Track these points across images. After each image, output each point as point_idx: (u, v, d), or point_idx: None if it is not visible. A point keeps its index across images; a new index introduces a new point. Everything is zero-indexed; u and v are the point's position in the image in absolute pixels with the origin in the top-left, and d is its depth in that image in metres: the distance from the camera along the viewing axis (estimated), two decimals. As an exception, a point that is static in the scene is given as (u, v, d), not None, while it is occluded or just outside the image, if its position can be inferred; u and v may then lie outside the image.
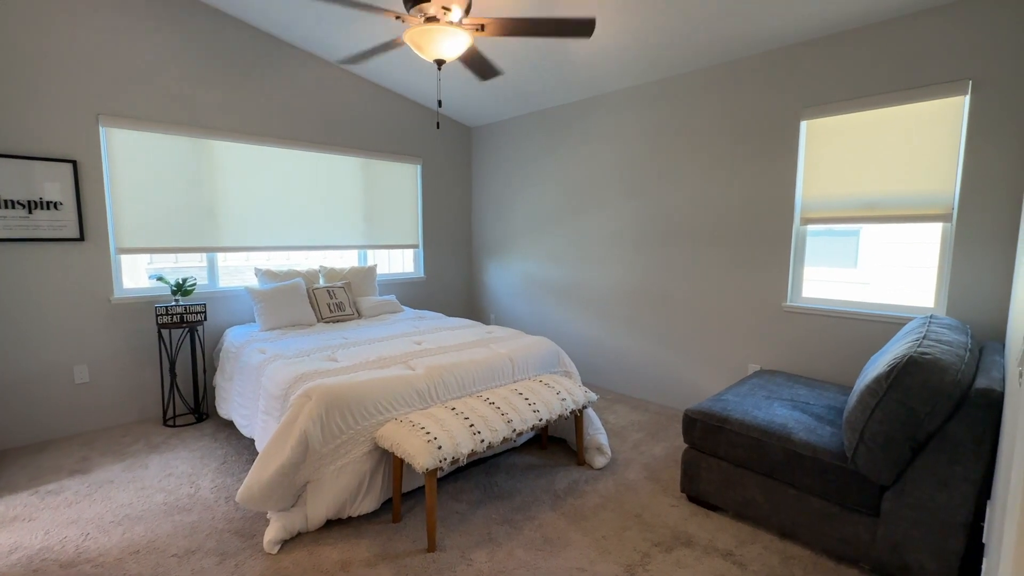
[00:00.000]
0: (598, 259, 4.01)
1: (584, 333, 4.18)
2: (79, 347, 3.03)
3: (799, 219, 2.93)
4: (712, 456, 2.22)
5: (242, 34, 3.46)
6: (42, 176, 2.82)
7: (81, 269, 3.00)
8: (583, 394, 2.60)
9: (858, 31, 2.61)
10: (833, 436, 1.95)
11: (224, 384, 3.07)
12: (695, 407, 2.30)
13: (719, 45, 2.95)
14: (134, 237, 3.19)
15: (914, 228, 2.81)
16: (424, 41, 2.12)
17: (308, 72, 3.83)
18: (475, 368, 2.58)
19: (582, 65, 3.41)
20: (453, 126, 4.95)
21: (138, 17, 3.05)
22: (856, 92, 2.65)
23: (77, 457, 2.74)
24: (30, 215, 2.81)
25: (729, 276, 3.23)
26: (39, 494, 2.35)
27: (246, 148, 3.58)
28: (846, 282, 3.85)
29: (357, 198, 4.26)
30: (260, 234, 3.71)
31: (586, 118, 4.00)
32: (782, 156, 2.94)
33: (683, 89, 3.38)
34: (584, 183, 4.06)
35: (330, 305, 3.65)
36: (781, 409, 2.21)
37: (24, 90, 2.75)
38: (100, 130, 3.00)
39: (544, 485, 2.47)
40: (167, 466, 2.64)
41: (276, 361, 2.59)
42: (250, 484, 1.97)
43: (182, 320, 3.14)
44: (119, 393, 3.19)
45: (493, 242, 4.99)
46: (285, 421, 2.06)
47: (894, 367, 1.67)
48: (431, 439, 1.97)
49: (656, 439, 3.02)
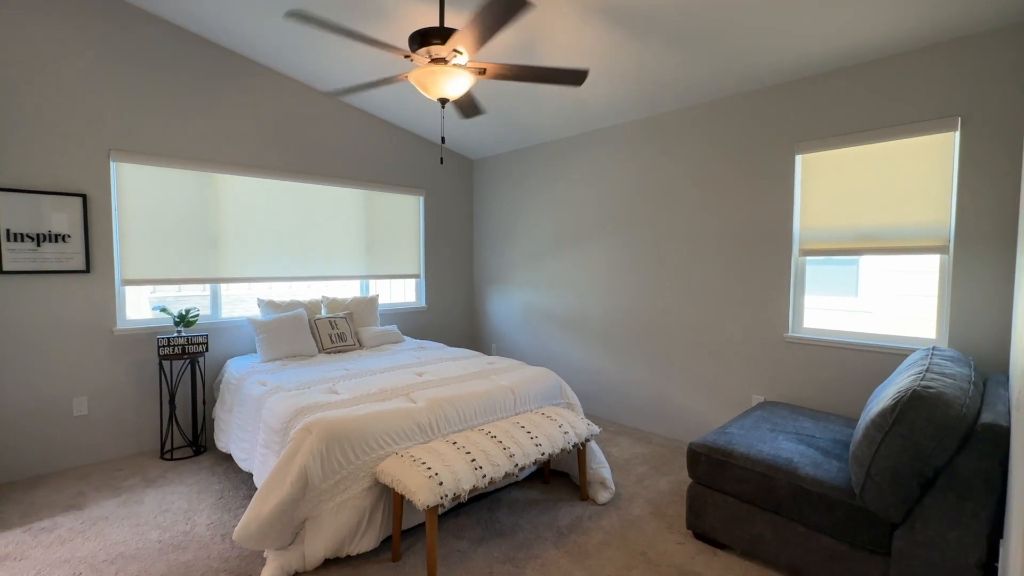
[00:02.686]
0: (598, 289, 4.03)
1: (586, 363, 4.17)
2: (79, 379, 3.02)
3: (797, 250, 2.96)
4: (718, 491, 2.18)
5: (248, 70, 3.58)
6: (52, 210, 2.87)
7: (85, 301, 3.02)
8: (586, 427, 2.57)
9: (850, 69, 2.70)
10: (840, 471, 1.92)
11: (224, 416, 3.04)
12: (699, 440, 2.28)
13: (714, 83, 3.04)
14: (139, 268, 3.22)
15: (913, 258, 2.84)
16: (430, 81, 2.19)
17: (312, 107, 3.94)
18: (476, 401, 2.56)
19: (580, 102, 3.51)
20: (455, 158, 5.05)
21: (150, 55, 3.16)
22: (849, 127, 2.72)
23: (72, 492, 2.69)
24: (38, 248, 2.85)
25: (730, 307, 3.24)
26: (32, 531, 2.30)
27: (250, 181, 3.66)
28: (848, 311, 3.86)
29: (360, 229, 4.32)
30: (263, 265, 3.74)
31: (585, 151, 4.09)
32: (778, 189, 3.00)
33: (679, 125, 3.47)
34: (584, 214, 4.12)
35: (331, 336, 3.65)
36: (786, 443, 2.19)
37: (39, 127, 2.83)
38: (111, 165, 3.07)
39: (547, 521, 2.42)
40: (163, 501, 2.60)
41: (277, 393, 2.58)
42: (247, 521, 1.93)
43: (184, 351, 3.14)
44: (117, 426, 3.16)
45: (494, 272, 5.03)
46: (285, 456, 2.04)
47: (898, 401, 1.67)
48: (432, 474, 1.94)
49: (660, 472, 2.97)
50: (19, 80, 2.77)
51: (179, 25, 3.22)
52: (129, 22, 3.06)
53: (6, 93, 2.73)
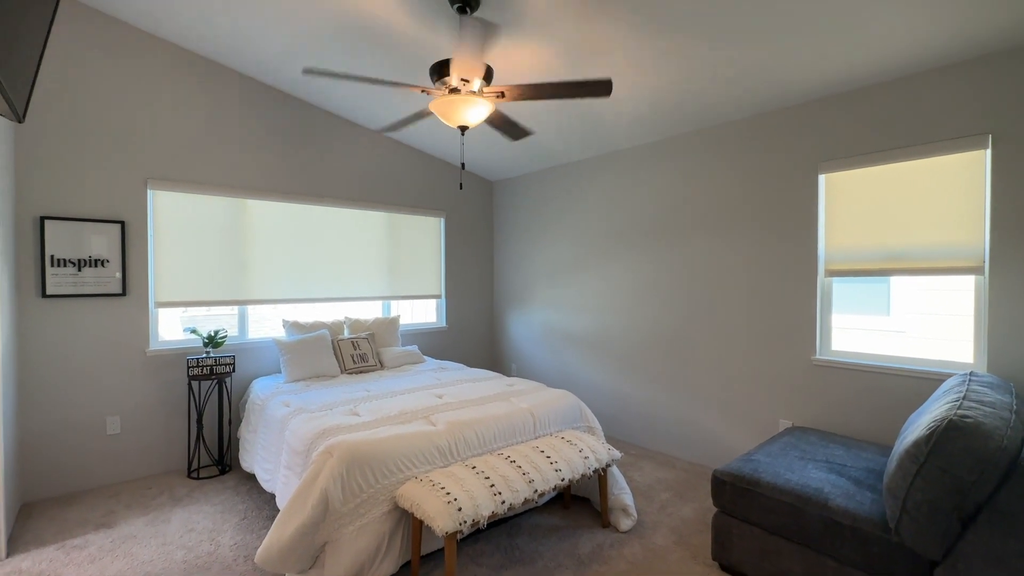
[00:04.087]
0: (619, 310, 4.00)
1: (606, 385, 4.12)
2: (113, 398, 3.13)
3: (823, 271, 2.90)
4: (744, 522, 2.11)
5: (277, 101, 3.73)
6: (92, 236, 3.02)
7: (121, 323, 3.14)
8: (607, 452, 2.53)
9: (875, 87, 2.66)
10: (874, 503, 1.84)
11: (249, 436, 3.10)
12: (724, 468, 2.21)
13: (734, 103, 3.04)
14: (171, 291, 3.34)
15: (946, 277, 2.74)
16: (448, 110, 2.25)
17: (338, 134, 4.08)
18: (496, 424, 2.55)
19: (600, 123, 3.54)
20: (475, 180, 5.13)
21: (186, 89, 3.33)
22: (874, 146, 2.67)
23: (103, 510, 2.77)
24: (79, 272, 2.99)
25: (754, 328, 3.17)
26: (64, 549, 2.37)
27: (277, 205, 3.78)
28: (880, 331, 3.73)
29: (382, 250, 4.40)
30: (289, 286, 3.84)
31: (605, 172, 4.10)
32: (801, 209, 2.95)
33: (699, 145, 3.46)
34: (603, 235, 4.12)
35: (354, 356, 3.70)
36: (816, 471, 2.11)
37: (86, 159, 3.00)
38: (148, 193, 3.22)
39: (567, 549, 2.37)
40: (189, 521, 2.64)
41: (299, 415, 2.62)
42: (269, 545, 1.95)
43: (212, 372, 3.23)
44: (147, 444, 3.25)
45: (514, 292, 5.04)
46: (306, 479, 2.06)
47: (933, 431, 1.60)
48: (451, 500, 1.93)
49: (684, 499, 2.89)
50: (73, 117, 2.94)
51: (210, 58, 3.39)
52: (168, 59, 3.24)
53: (62, 130, 2.91)
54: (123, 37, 3.08)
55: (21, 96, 1.71)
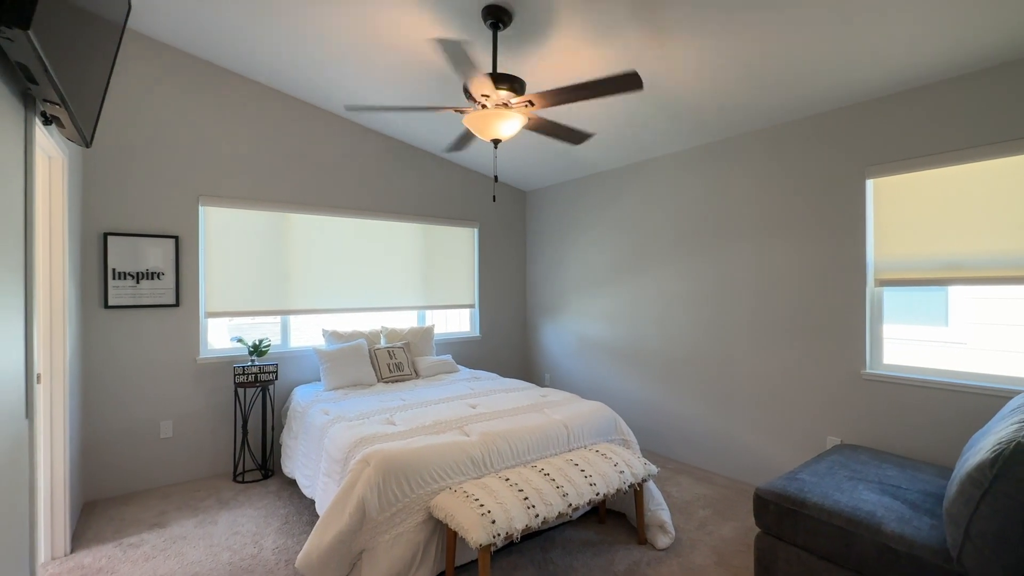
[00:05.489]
0: (655, 320, 3.93)
1: (641, 396, 4.04)
2: (166, 404, 3.30)
3: (872, 280, 2.76)
4: (790, 544, 2.01)
5: (316, 119, 3.88)
6: (149, 250, 3.22)
7: (174, 332, 3.32)
8: (643, 466, 2.48)
9: (926, 88, 2.54)
10: (933, 529, 1.72)
11: (290, 442, 3.20)
12: (767, 486, 2.13)
13: (776, 107, 2.95)
14: (220, 302, 3.51)
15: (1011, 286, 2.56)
16: (481, 125, 2.29)
17: (377, 149, 4.20)
18: (529, 435, 2.55)
19: (634, 130, 3.51)
20: (508, 191, 5.17)
21: (235, 110, 3.52)
22: (928, 148, 2.53)
23: (156, 511, 2.92)
24: (137, 284, 3.18)
25: (798, 340, 3.05)
26: (122, 546, 2.51)
27: (318, 219, 3.92)
28: (938, 342, 3.50)
29: (417, 261, 4.49)
30: (328, 297, 3.97)
31: (639, 180, 4.06)
32: (848, 216, 2.82)
33: (739, 150, 3.37)
34: (638, 243, 4.06)
35: (390, 365, 3.78)
36: (868, 493, 2.00)
37: (145, 179, 3.21)
38: (199, 209, 3.41)
39: (602, 565, 2.33)
40: (234, 523, 2.75)
41: (338, 423, 2.69)
42: (309, 551, 2.01)
43: (256, 380, 3.36)
44: (196, 448, 3.40)
45: (548, 302, 5.03)
46: (344, 486, 2.11)
47: (999, 454, 1.49)
48: (485, 512, 1.93)
49: (725, 518, 2.79)
50: (133, 141, 3.16)
51: (254, 79, 3.56)
52: (218, 84, 3.43)
53: (123, 153, 3.13)
54: (176, 65, 3.28)
55: (88, 124, 1.85)
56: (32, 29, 1.11)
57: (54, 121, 1.76)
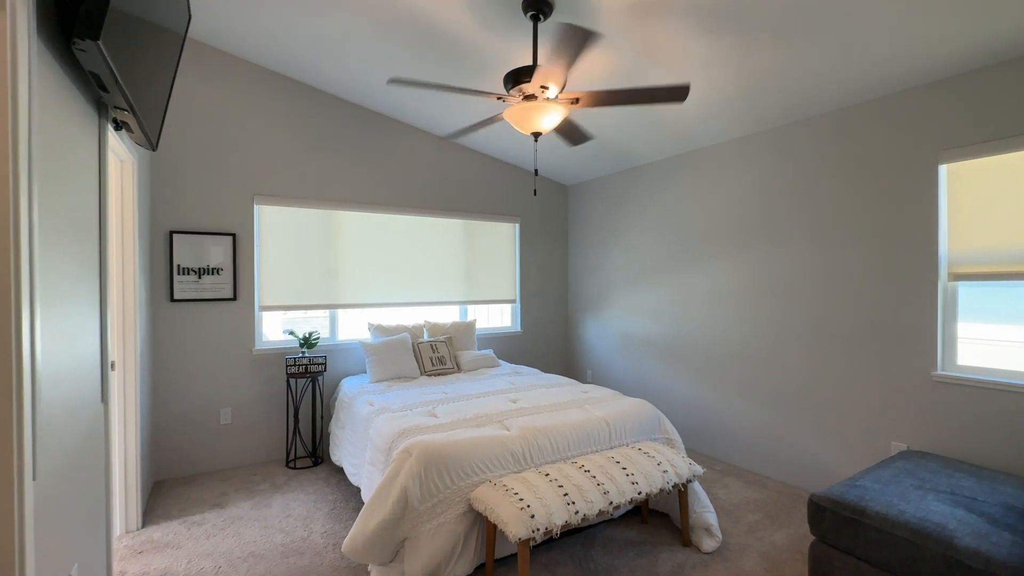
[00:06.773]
0: (702, 317, 3.80)
1: (687, 395, 3.92)
2: (225, 392, 3.50)
3: (946, 275, 2.55)
4: (847, 554, 1.90)
5: (365, 118, 3.99)
6: (210, 247, 3.41)
7: (232, 324, 3.51)
8: (687, 466, 2.40)
9: (1004, 64, 2.30)
10: (1015, 546, 1.58)
11: (338, 431, 3.32)
12: (823, 492, 2.01)
13: (834, 91, 2.77)
14: (274, 296, 3.68)
15: (1111, 283, 2.30)
16: (522, 118, 2.27)
17: (420, 145, 4.27)
18: (570, 431, 2.52)
19: (679, 121, 3.40)
20: (550, 185, 5.13)
21: (287, 113, 3.67)
22: (1009, 130, 2.30)
23: (217, 492, 3.10)
24: (199, 280, 3.38)
25: (860, 338, 2.86)
26: (186, 524, 2.69)
27: (365, 216, 4.03)
28: (1019, 342, 3.19)
29: (459, 256, 4.54)
30: (374, 291, 4.08)
31: (685, 173, 3.92)
32: (918, 205, 2.61)
33: (793, 138, 3.19)
34: (684, 238, 3.93)
35: (432, 359, 3.84)
36: (938, 504, 1.85)
37: (205, 180, 3.41)
38: (254, 208, 3.58)
39: (645, 566, 2.28)
40: (287, 507, 2.88)
41: (382, 414, 2.77)
42: (354, 536, 2.07)
43: (306, 371, 3.51)
44: (253, 435, 3.60)
45: (589, 297, 4.97)
46: (387, 476, 2.17)
47: (1096, 467, 1.33)
48: (524, 506, 1.93)
49: (776, 524, 2.67)
50: (194, 144, 3.36)
51: (309, 84, 3.70)
52: (271, 88, 3.59)
53: (185, 155, 3.33)
54: (232, 70, 3.45)
55: (154, 128, 1.97)
56: (101, 40, 1.19)
57: (124, 127, 1.88)
